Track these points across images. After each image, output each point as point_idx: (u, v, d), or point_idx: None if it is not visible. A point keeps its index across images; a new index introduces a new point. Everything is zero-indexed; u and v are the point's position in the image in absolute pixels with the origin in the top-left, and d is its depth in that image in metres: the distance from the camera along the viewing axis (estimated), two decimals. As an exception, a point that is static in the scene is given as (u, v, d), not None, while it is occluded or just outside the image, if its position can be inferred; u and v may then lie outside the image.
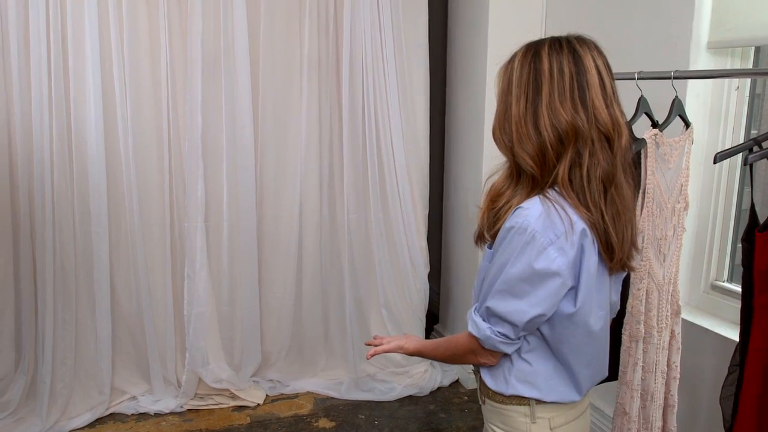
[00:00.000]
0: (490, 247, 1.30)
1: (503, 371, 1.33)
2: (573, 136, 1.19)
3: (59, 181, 2.87)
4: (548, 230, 1.18)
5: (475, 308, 1.32)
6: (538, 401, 1.32)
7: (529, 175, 1.25)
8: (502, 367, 1.33)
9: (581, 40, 1.24)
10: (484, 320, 1.28)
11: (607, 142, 1.21)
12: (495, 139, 1.30)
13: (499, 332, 1.26)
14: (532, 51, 1.24)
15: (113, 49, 2.89)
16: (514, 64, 1.26)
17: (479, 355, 1.33)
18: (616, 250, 1.24)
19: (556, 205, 1.19)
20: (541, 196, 1.22)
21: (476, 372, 1.43)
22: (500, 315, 1.24)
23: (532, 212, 1.19)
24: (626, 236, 1.26)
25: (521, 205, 1.22)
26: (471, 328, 1.30)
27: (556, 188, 1.22)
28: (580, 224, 1.19)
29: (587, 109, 1.19)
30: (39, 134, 2.80)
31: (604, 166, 1.21)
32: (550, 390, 1.31)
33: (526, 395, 1.31)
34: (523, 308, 1.22)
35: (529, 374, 1.31)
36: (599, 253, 1.23)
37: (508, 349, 1.30)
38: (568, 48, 1.22)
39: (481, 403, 1.44)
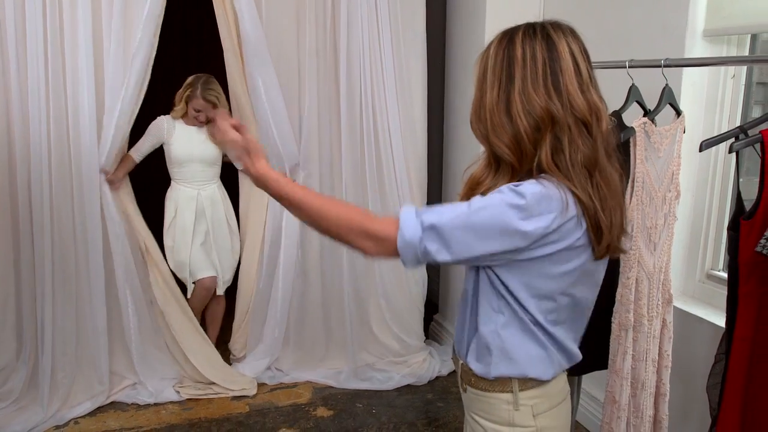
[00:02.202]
0: None
1: (483, 351, 1.29)
2: (549, 122, 1.17)
3: (57, 172, 2.88)
4: (543, 202, 1.14)
5: (418, 211, 1.20)
6: (522, 384, 1.28)
7: (507, 164, 1.23)
8: (485, 350, 1.29)
9: (556, 25, 1.22)
10: (422, 226, 1.17)
11: (585, 128, 1.19)
12: (472, 129, 1.29)
13: (425, 245, 1.17)
14: (507, 38, 1.23)
15: (109, 38, 2.89)
16: (489, 51, 1.25)
17: (379, 243, 1.21)
18: (604, 234, 1.20)
19: (553, 183, 1.16)
20: (535, 179, 1.18)
21: (456, 359, 1.41)
22: (446, 238, 1.16)
23: (528, 185, 1.16)
24: (615, 221, 1.23)
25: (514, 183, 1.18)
26: (403, 222, 1.18)
27: (544, 175, 1.19)
28: (572, 203, 1.17)
29: (561, 95, 1.17)
30: (36, 124, 2.81)
31: (584, 152, 1.18)
32: (530, 364, 1.27)
33: (508, 374, 1.27)
34: (473, 246, 1.16)
35: (509, 350, 1.27)
36: (588, 236, 1.20)
37: (410, 265, 1.22)
38: (542, 34, 1.20)
39: (462, 391, 1.41)
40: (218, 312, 3.53)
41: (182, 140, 3.20)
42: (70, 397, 3.05)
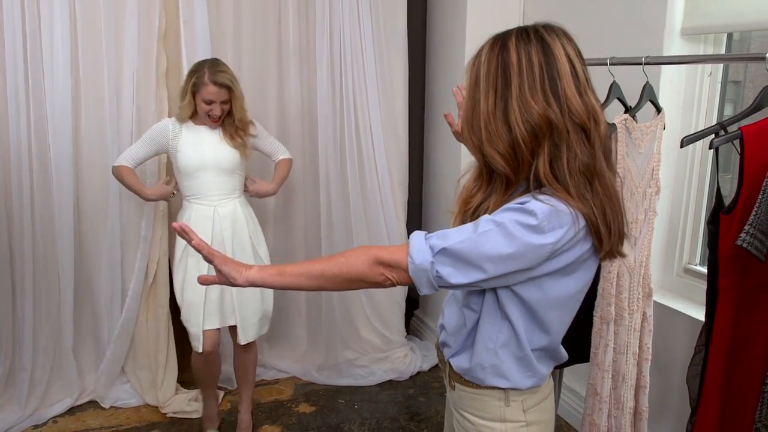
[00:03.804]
0: None
1: (477, 367, 1.29)
2: (547, 129, 1.13)
3: (38, 168, 2.84)
4: (553, 218, 1.12)
5: (427, 236, 1.19)
6: (513, 388, 1.30)
7: (501, 175, 1.19)
8: (476, 363, 1.29)
9: (549, 28, 1.19)
10: (432, 251, 1.16)
11: (584, 133, 1.16)
12: (463, 139, 1.25)
13: (437, 270, 1.16)
14: (499, 43, 1.19)
15: (86, 38, 2.86)
16: (480, 58, 1.21)
17: (392, 271, 1.19)
18: (604, 242, 1.19)
19: (556, 198, 1.14)
20: (534, 198, 1.14)
21: (443, 359, 1.40)
22: (458, 261, 1.14)
23: (535, 203, 1.13)
24: (614, 227, 1.21)
25: (518, 201, 1.16)
26: (413, 248, 1.17)
27: (544, 189, 1.16)
28: (580, 215, 1.15)
29: (559, 100, 1.14)
30: (15, 122, 2.76)
31: (582, 159, 1.15)
32: (523, 380, 1.29)
33: (500, 386, 1.29)
34: (486, 267, 1.13)
35: (504, 371, 1.28)
36: (592, 243, 1.20)
37: (425, 290, 1.19)
38: (536, 37, 1.16)
39: (449, 389, 1.40)
40: (248, 363, 2.85)
41: (191, 144, 2.57)
42: (49, 395, 3.02)
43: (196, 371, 2.76)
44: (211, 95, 2.48)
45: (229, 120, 2.60)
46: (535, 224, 1.11)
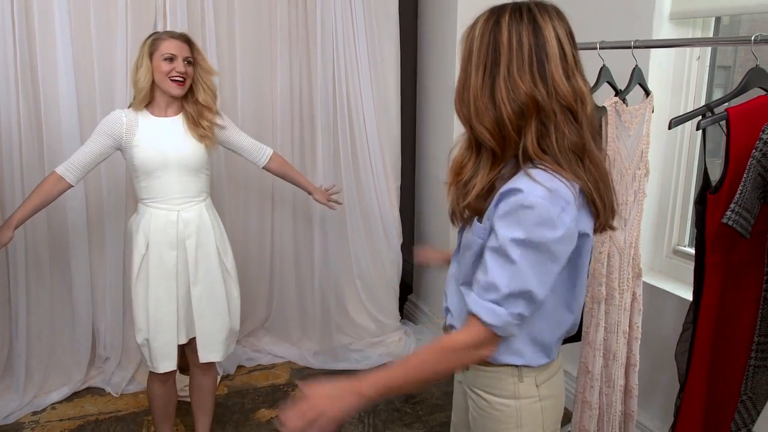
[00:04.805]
0: (479, 221, 1.25)
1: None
2: (534, 108, 1.16)
3: (28, 154, 2.84)
4: (555, 199, 1.14)
5: (481, 297, 1.21)
6: (526, 365, 1.33)
7: (488, 149, 1.22)
8: None
9: (542, 7, 1.21)
10: (499, 305, 1.19)
11: (571, 114, 1.19)
12: (456, 110, 1.28)
13: (515, 314, 1.19)
14: (494, 18, 1.21)
15: (82, 20, 2.86)
16: (475, 31, 1.22)
17: (484, 347, 1.24)
18: (601, 214, 1.23)
19: (547, 173, 1.16)
20: (526, 177, 1.16)
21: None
22: (521, 293, 1.17)
23: (531, 196, 1.15)
24: (607, 201, 1.25)
25: (513, 188, 1.17)
26: (486, 316, 1.19)
27: (534, 162, 1.18)
28: (575, 183, 1.19)
29: (546, 83, 1.16)
30: (6, 106, 2.77)
31: (571, 138, 1.18)
32: (536, 358, 1.32)
33: (514, 363, 1.32)
34: (545, 280, 1.18)
35: (518, 349, 1.31)
36: (588, 211, 1.24)
37: (518, 331, 1.24)
38: (528, 17, 1.18)
39: (462, 369, 1.43)
40: (207, 388, 2.58)
41: (150, 138, 2.23)
42: (47, 383, 3.04)
43: (156, 397, 2.47)
44: (172, 48, 2.18)
45: (191, 101, 2.28)
46: (547, 217, 1.13)
